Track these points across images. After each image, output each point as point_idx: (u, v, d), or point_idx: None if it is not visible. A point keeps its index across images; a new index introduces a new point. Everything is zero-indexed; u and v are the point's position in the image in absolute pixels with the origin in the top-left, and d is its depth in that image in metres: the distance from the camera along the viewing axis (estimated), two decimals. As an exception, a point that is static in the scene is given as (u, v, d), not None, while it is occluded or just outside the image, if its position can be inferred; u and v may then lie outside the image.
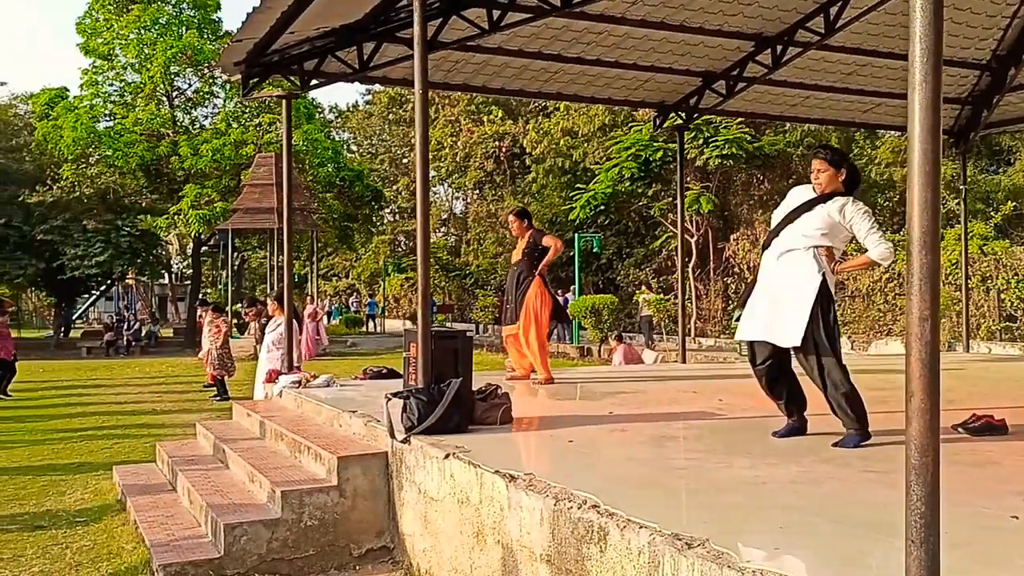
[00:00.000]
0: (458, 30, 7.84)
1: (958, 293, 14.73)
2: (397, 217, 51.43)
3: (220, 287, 37.28)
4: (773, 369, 4.93)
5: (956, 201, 20.53)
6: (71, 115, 28.64)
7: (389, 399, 5.19)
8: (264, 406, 7.78)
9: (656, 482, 4.04)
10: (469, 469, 4.33)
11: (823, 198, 4.81)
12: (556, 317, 8.06)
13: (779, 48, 9.08)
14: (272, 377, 8.42)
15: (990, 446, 4.78)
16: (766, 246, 5.02)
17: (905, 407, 2.34)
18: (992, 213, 21.85)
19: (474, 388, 5.48)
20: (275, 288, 26.06)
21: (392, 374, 8.47)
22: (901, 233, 22.35)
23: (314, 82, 8.51)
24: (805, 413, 5.04)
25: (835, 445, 4.73)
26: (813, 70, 9.89)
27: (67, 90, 31.30)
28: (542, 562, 3.68)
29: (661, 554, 3.01)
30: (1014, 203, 23.69)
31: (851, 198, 4.79)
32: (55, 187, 28.64)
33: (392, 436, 5.11)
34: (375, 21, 7.67)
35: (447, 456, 4.55)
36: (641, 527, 3.17)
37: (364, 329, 37.57)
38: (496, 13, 7.61)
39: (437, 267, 34.59)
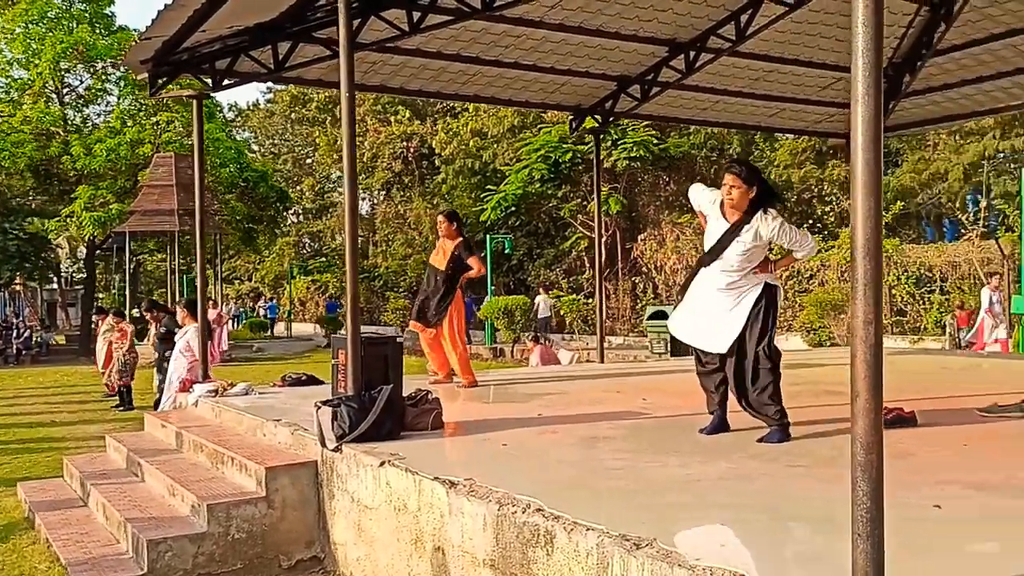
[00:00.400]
0: (377, 31, 7.75)
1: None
2: (301, 218, 50.45)
3: (114, 291, 35.76)
4: (723, 372, 5.06)
5: (849, 201, 21.43)
6: (-48, 113, 27.08)
7: (319, 407, 5.09)
8: (179, 416, 7.51)
9: (592, 484, 4.08)
10: (406, 476, 4.29)
11: (735, 230, 4.89)
12: None
13: (692, 54, 9.31)
14: (186, 386, 8.14)
15: (902, 438, 4.99)
16: (700, 265, 5.13)
17: (851, 406, 2.44)
18: (882, 212, 22.94)
19: (404, 394, 5.43)
20: (175, 293, 25.22)
21: (312, 380, 8.30)
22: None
23: (226, 82, 8.26)
24: (727, 410, 5.19)
25: (760, 441, 4.88)
26: (723, 76, 10.16)
27: (-53, 86, 29.55)
28: (485, 567, 3.68)
29: (610, 555, 3.05)
30: (902, 203, 24.91)
31: (761, 216, 4.87)
32: (-65, 188, 27.02)
33: (323, 445, 5.02)
34: (291, 20, 7.50)
35: (382, 463, 4.49)
36: (588, 529, 3.20)
37: (269, 333, 36.63)
38: (416, 15, 7.55)
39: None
